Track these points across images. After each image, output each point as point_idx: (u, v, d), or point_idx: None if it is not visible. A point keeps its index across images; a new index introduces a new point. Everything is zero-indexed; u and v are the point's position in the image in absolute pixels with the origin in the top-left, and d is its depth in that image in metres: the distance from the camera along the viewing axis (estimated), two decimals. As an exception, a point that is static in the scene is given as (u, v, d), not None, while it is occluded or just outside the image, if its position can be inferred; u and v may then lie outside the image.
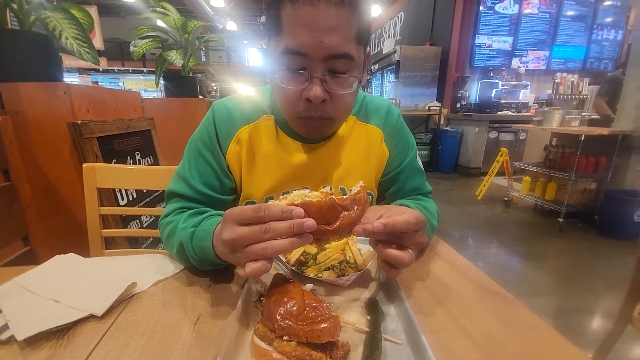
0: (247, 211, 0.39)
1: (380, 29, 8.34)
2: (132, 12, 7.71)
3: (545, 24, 5.14)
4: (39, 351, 0.38)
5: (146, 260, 0.61)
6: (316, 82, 0.51)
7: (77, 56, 1.10)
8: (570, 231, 2.82)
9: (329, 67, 0.51)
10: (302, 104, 0.54)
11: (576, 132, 2.77)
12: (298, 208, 0.37)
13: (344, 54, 0.51)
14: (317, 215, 0.38)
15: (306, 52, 0.50)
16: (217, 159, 0.65)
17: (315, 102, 0.52)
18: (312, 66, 0.51)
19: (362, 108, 0.72)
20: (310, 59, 0.50)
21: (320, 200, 0.38)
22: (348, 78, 0.53)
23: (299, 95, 0.53)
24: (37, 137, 1.07)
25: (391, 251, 0.43)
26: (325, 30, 0.48)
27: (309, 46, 0.49)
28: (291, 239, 0.37)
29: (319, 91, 0.51)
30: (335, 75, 0.52)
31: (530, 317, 0.45)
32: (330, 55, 0.50)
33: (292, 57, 0.51)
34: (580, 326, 1.65)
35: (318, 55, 0.50)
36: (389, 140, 0.72)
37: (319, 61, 0.50)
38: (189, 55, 2.14)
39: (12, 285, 0.49)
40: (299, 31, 0.49)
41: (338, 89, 0.53)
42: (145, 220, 1.42)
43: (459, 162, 5.12)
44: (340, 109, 0.57)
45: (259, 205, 0.38)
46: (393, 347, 0.39)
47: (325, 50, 0.49)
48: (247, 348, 0.38)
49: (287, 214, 0.37)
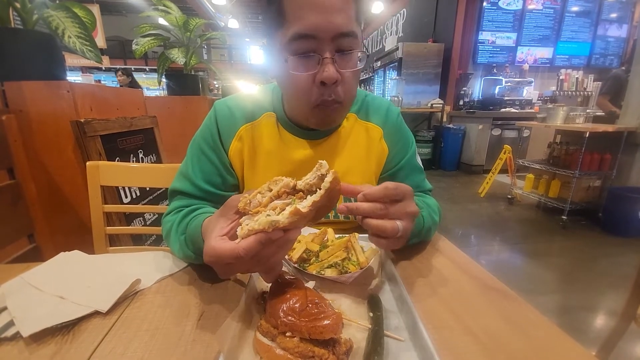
0: (226, 259, 0.37)
1: (382, 26, 8.29)
2: (134, 11, 7.70)
3: (549, 19, 5.08)
4: (44, 347, 0.39)
5: (150, 257, 0.62)
6: (328, 62, 0.52)
7: (80, 55, 1.10)
8: (574, 229, 2.80)
9: (337, 46, 0.53)
10: (316, 90, 0.55)
11: (581, 129, 2.74)
12: (276, 233, 0.35)
13: (350, 31, 0.52)
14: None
15: (316, 33, 0.51)
16: (219, 157, 0.66)
17: (329, 83, 0.53)
18: (321, 48, 0.52)
19: (363, 106, 0.72)
20: (319, 40, 0.51)
21: (307, 212, 0.36)
22: (354, 55, 0.55)
23: (312, 80, 0.54)
24: (41, 136, 1.08)
25: (372, 220, 0.43)
26: (332, 10, 0.50)
27: (319, 27, 0.50)
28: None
29: (333, 71, 0.52)
30: (343, 54, 0.54)
31: (533, 314, 0.44)
32: (339, 33, 0.51)
33: (301, 42, 0.52)
34: (584, 324, 1.64)
35: (327, 35, 0.51)
36: (389, 138, 0.72)
37: (328, 42, 0.52)
38: (190, 53, 2.14)
39: (18, 282, 0.50)
40: (307, 14, 0.50)
41: (347, 67, 0.55)
42: (148, 218, 1.43)
43: (461, 160, 5.09)
44: (349, 90, 0.57)
45: (237, 249, 0.36)
46: (395, 344, 0.39)
47: (334, 30, 0.51)
48: (250, 344, 0.39)
49: (268, 242, 0.35)
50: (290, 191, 0.40)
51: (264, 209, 0.38)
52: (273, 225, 0.35)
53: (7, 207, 0.89)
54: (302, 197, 0.39)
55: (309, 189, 0.40)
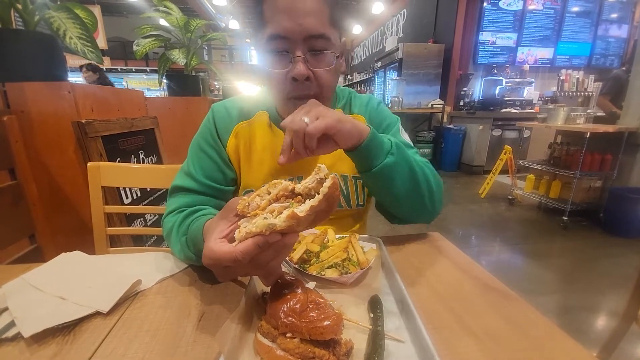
0: (224, 262, 0.37)
1: (382, 27, 8.29)
2: (135, 12, 7.72)
3: (550, 20, 5.08)
4: (45, 348, 0.39)
5: (150, 258, 0.62)
6: (299, 60, 0.58)
7: (81, 55, 1.10)
8: (574, 229, 2.80)
9: (309, 46, 0.58)
10: (289, 85, 0.60)
11: (581, 129, 2.74)
12: (274, 236, 0.35)
13: (321, 34, 0.57)
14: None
15: (287, 35, 0.56)
16: (218, 152, 0.69)
17: (300, 79, 0.58)
18: (294, 48, 0.58)
19: (347, 102, 0.79)
20: (292, 41, 0.57)
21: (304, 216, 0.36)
22: (326, 54, 0.60)
23: (285, 76, 0.59)
24: (43, 136, 1.08)
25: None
26: (303, 14, 0.56)
27: (289, 29, 0.56)
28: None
29: (302, 68, 0.58)
30: (315, 53, 0.59)
31: (533, 315, 0.44)
32: (309, 35, 0.57)
33: (276, 42, 0.58)
34: (585, 324, 1.64)
35: (298, 36, 0.57)
36: (373, 122, 0.75)
37: (300, 42, 0.57)
38: (191, 54, 2.15)
39: (19, 283, 0.50)
40: (279, 18, 0.56)
41: (320, 66, 0.60)
42: (149, 219, 1.43)
43: (462, 160, 5.08)
44: (323, 85, 0.62)
45: (234, 252, 0.36)
46: (396, 345, 0.39)
47: (304, 32, 0.56)
48: (250, 345, 0.39)
49: (265, 245, 0.35)
50: (288, 194, 0.40)
51: (262, 212, 0.38)
52: (270, 228, 0.35)
53: (8, 208, 0.89)
54: (300, 200, 0.39)
55: (307, 192, 0.40)
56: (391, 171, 0.57)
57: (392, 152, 0.57)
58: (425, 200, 0.63)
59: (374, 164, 0.56)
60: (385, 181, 0.58)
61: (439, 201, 0.66)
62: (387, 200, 0.64)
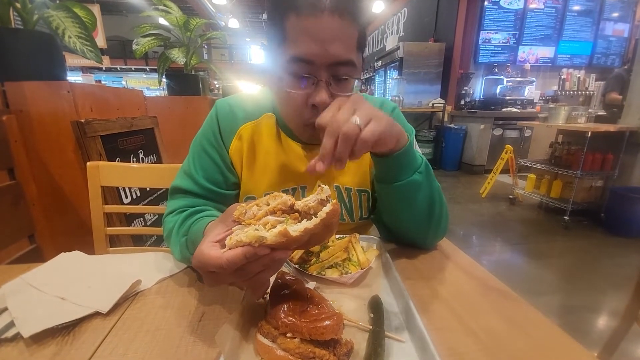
0: (210, 267, 0.37)
1: (383, 25, 8.28)
2: (135, 10, 7.70)
3: (551, 19, 5.07)
4: (45, 348, 0.39)
5: (150, 258, 0.62)
6: (322, 86, 0.53)
7: (81, 55, 1.10)
8: (576, 229, 2.80)
9: (333, 73, 0.53)
10: (308, 111, 0.56)
11: (583, 129, 2.73)
12: (263, 250, 0.34)
13: (347, 60, 0.53)
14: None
15: (313, 59, 0.52)
16: (220, 155, 0.67)
17: (321, 107, 0.53)
18: (317, 72, 0.53)
19: None
20: (316, 66, 0.52)
21: (298, 237, 0.35)
22: (350, 81, 0.56)
23: (305, 101, 0.55)
24: (42, 136, 1.08)
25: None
26: (330, 40, 0.51)
27: (315, 54, 0.51)
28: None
29: (325, 96, 0.53)
30: (338, 80, 0.54)
31: (534, 315, 0.44)
32: (335, 62, 0.52)
33: (298, 65, 0.53)
34: (586, 324, 1.64)
35: (324, 62, 0.52)
36: None
37: (324, 68, 0.52)
38: (191, 53, 2.14)
39: (18, 283, 0.50)
40: (305, 41, 0.51)
41: (340, 91, 0.55)
42: (148, 219, 1.43)
43: (463, 160, 5.08)
44: None
45: (221, 258, 0.35)
46: (396, 345, 0.39)
47: (330, 58, 0.52)
48: (250, 345, 0.39)
49: (252, 257, 0.35)
50: (287, 209, 0.39)
51: (256, 222, 0.37)
52: (260, 241, 0.34)
53: (7, 208, 0.89)
54: (297, 218, 0.37)
55: (307, 210, 0.38)
56: (414, 190, 0.55)
57: (421, 171, 0.54)
58: (431, 230, 0.60)
59: (399, 177, 0.54)
60: (403, 199, 0.56)
61: (441, 234, 0.64)
62: (394, 216, 0.62)
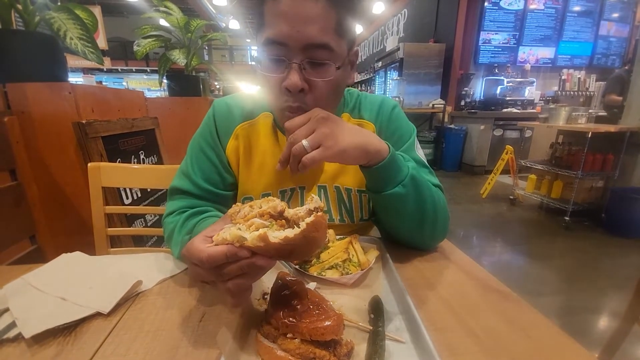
0: (193, 258, 0.37)
1: (383, 26, 8.29)
2: (136, 12, 7.72)
3: (551, 19, 5.07)
4: (46, 348, 0.39)
5: (151, 258, 0.62)
6: (294, 68, 0.51)
7: (82, 56, 1.10)
8: (576, 230, 2.79)
9: (309, 56, 0.52)
10: (283, 95, 0.55)
11: (583, 129, 2.73)
12: (243, 252, 0.35)
13: (322, 43, 0.51)
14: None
15: (285, 41, 0.51)
16: (218, 155, 0.67)
17: (293, 90, 0.52)
18: (291, 55, 0.52)
19: (356, 105, 0.72)
20: (289, 48, 0.51)
21: (278, 243, 0.34)
22: (327, 66, 0.53)
23: (279, 84, 0.54)
24: (43, 137, 1.08)
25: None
26: (303, 21, 0.50)
27: (287, 36, 0.50)
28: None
29: (296, 78, 0.51)
30: (314, 64, 0.53)
31: (535, 316, 0.44)
32: (309, 44, 0.51)
33: (272, 47, 0.52)
34: (586, 325, 1.63)
35: (296, 44, 0.51)
36: (384, 132, 0.70)
37: (298, 50, 0.51)
38: (191, 54, 2.15)
39: (20, 283, 0.50)
40: (278, 22, 0.50)
41: (317, 77, 0.53)
42: (149, 219, 1.43)
43: (463, 160, 5.08)
44: (319, 100, 0.55)
45: (203, 252, 0.36)
46: (396, 346, 0.39)
47: (303, 40, 0.50)
48: (251, 346, 0.39)
49: (232, 257, 0.35)
50: (275, 215, 0.38)
51: (243, 222, 0.37)
52: (240, 241, 0.34)
53: (9, 209, 0.89)
54: (283, 225, 0.37)
55: (295, 220, 0.38)
56: (399, 201, 0.55)
57: (405, 184, 0.54)
58: (425, 235, 0.61)
59: (383, 188, 0.55)
60: (391, 207, 0.57)
61: (439, 237, 0.64)
62: (386, 222, 0.64)
